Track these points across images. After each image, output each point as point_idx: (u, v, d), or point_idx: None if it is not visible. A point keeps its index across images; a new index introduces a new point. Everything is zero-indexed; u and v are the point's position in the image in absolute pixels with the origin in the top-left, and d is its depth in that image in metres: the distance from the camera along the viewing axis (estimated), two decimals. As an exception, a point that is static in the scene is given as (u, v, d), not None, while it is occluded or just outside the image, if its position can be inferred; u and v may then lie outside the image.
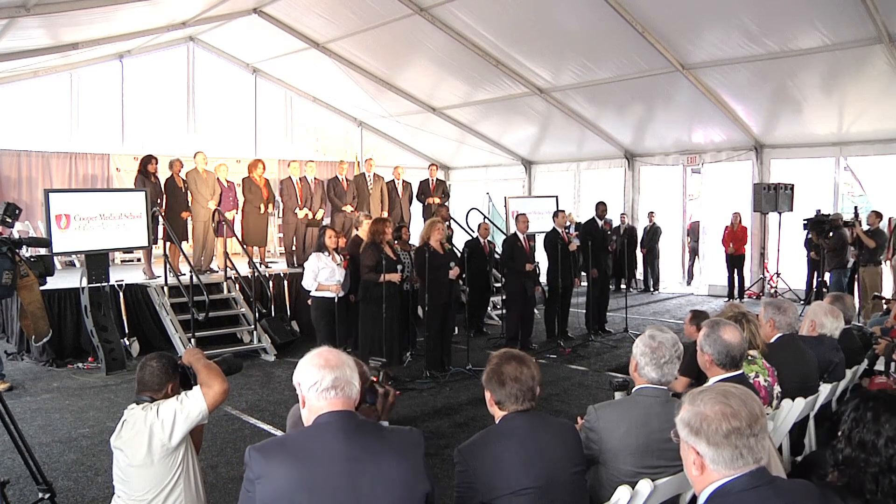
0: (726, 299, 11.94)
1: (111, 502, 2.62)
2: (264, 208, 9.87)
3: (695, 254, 14.15)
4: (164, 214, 8.84)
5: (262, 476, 1.91)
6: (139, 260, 10.27)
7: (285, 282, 9.35)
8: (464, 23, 10.27)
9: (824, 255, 10.18)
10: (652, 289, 13.66)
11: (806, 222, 10.43)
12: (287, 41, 12.14)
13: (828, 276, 10.27)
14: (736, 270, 12.29)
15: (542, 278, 9.20)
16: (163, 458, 2.51)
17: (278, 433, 5.09)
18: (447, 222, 9.72)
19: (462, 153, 16.12)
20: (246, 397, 6.41)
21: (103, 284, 7.53)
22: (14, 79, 11.49)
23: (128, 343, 7.80)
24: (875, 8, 7.61)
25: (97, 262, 7.52)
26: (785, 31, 8.60)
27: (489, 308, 10.21)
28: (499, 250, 9.84)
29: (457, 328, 8.56)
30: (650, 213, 13.60)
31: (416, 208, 11.93)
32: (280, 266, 10.27)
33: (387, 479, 1.96)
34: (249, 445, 1.99)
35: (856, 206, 10.63)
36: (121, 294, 7.93)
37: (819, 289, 10.12)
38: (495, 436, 2.36)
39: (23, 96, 11.83)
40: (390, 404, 2.61)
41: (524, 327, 8.41)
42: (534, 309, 8.80)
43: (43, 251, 5.56)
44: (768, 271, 12.08)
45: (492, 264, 9.62)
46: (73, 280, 7.66)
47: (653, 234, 13.50)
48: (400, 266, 6.90)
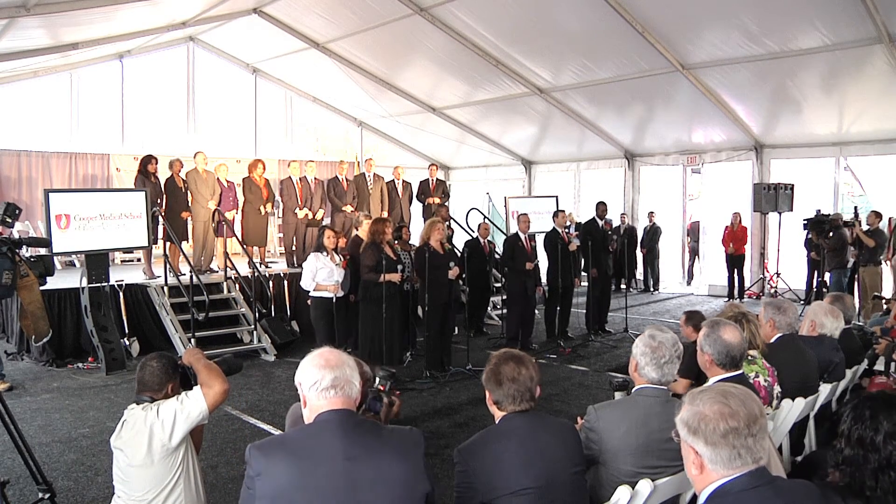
0: (726, 299, 11.94)
1: (111, 502, 2.62)
2: (265, 208, 9.88)
3: (695, 254, 14.15)
4: (164, 214, 8.84)
5: (262, 473, 1.92)
6: (139, 260, 10.27)
7: (285, 282, 9.35)
8: (464, 23, 10.27)
9: (824, 255, 10.18)
10: (652, 289, 13.66)
11: (806, 222, 10.44)
12: (287, 41, 12.14)
13: (828, 276, 10.26)
14: (736, 270, 12.30)
15: (543, 278, 9.20)
16: (163, 458, 2.51)
17: (278, 433, 5.08)
18: (447, 222, 9.72)
19: (462, 153, 16.13)
20: (246, 397, 6.41)
21: (103, 284, 7.53)
22: (14, 79, 11.49)
23: (128, 343, 7.80)
24: (875, 8, 7.61)
25: (97, 262, 7.53)
26: (785, 31, 8.61)
27: (489, 308, 10.21)
28: (499, 250, 9.84)
29: (457, 328, 8.55)
30: (650, 213, 13.60)
31: (416, 208, 11.93)
32: (280, 266, 10.27)
33: (386, 479, 1.96)
34: (250, 444, 2.00)
35: (855, 206, 10.64)
36: (121, 294, 7.94)
37: (819, 289, 10.12)
38: (495, 436, 2.35)
39: (23, 96, 11.83)
40: (394, 414, 2.63)
41: (524, 327, 8.42)
42: (534, 309, 8.80)
43: (43, 251, 5.56)
44: (768, 271, 12.08)
45: (492, 264, 9.61)
46: (73, 280, 7.66)
47: (653, 234, 13.50)
48: (400, 266, 6.90)
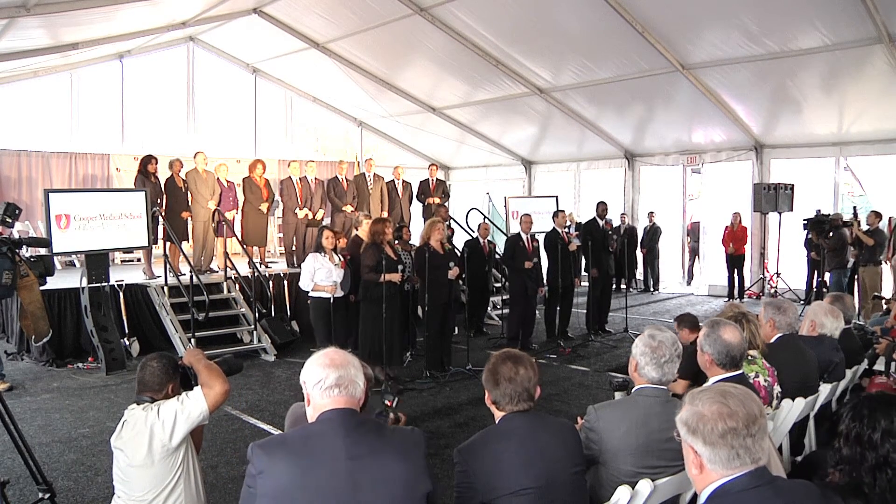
0: (726, 299, 11.94)
1: (111, 502, 2.62)
2: (266, 208, 9.87)
3: (695, 254, 14.16)
4: (164, 214, 8.84)
5: (264, 471, 1.92)
6: (139, 260, 10.27)
7: (285, 282, 9.35)
8: (464, 23, 10.27)
9: (824, 255, 10.18)
10: (652, 289, 13.66)
11: (806, 222, 10.44)
12: (287, 41, 12.14)
13: (828, 276, 10.26)
14: (736, 270, 12.30)
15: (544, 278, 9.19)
16: (163, 458, 2.51)
17: (277, 433, 5.08)
18: (447, 222, 9.73)
19: (462, 153, 16.13)
20: (246, 397, 6.40)
21: (103, 284, 7.53)
22: (14, 79, 11.49)
23: (128, 343, 7.80)
24: (875, 8, 7.61)
25: (97, 262, 7.52)
26: (785, 31, 8.61)
27: (489, 308, 10.21)
28: (499, 250, 9.83)
29: (457, 328, 8.56)
30: (650, 213, 13.59)
31: (416, 208, 11.93)
32: (280, 266, 10.27)
33: (387, 479, 1.96)
34: (252, 442, 2.00)
35: (854, 207, 10.63)
36: (121, 294, 7.94)
37: (819, 289, 10.12)
38: (495, 436, 2.35)
39: (23, 96, 11.83)
40: None
41: (525, 327, 8.42)
42: (535, 309, 8.79)
43: (43, 251, 5.57)
44: (768, 271, 12.08)
45: (491, 264, 9.60)
46: (73, 280, 7.66)
47: (653, 234, 13.50)
48: (401, 266, 6.90)
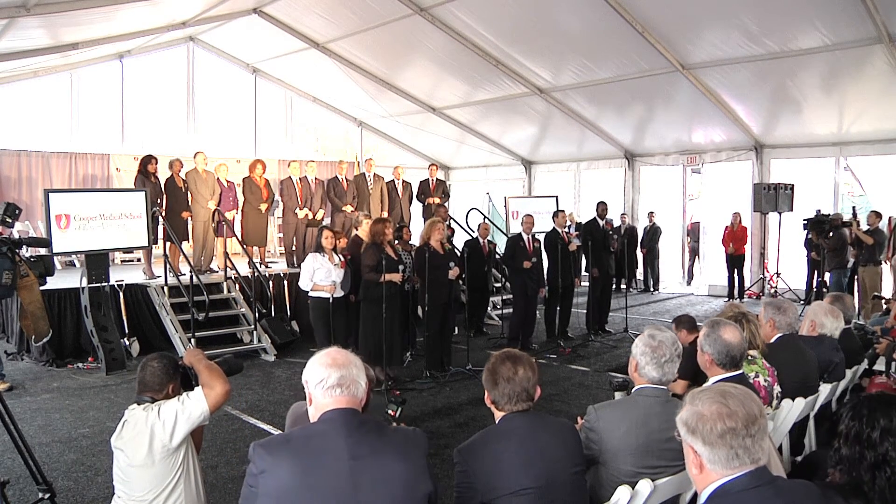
0: (726, 299, 11.94)
1: (111, 502, 2.62)
2: (265, 209, 9.87)
3: (695, 254, 14.16)
4: (164, 214, 8.84)
5: (266, 471, 1.92)
6: (139, 260, 10.27)
7: (285, 282, 9.35)
8: (464, 23, 10.27)
9: (824, 255, 10.18)
10: (652, 289, 13.66)
11: (806, 222, 10.44)
12: (287, 41, 12.14)
13: (828, 276, 10.26)
14: (736, 270, 12.30)
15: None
16: (164, 458, 2.50)
17: (278, 433, 5.08)
18: (446, 222, 9.73)
19: (462, 153, 16.13)
20: (246, 397, 6.40)
21: (103, 284, 7.53)
22: (14, 79, 11.49)
23: (128, 343, 7.80)
24: (875, 8, 7.61)
25: (97, 262, 7.52)
26: (785, 31, 8.61)
27: (489, 308, 10.21)
28: (499, 250, 9.83)
29: (457, 328, 8.56)
30: (650, 213, 13.59)
31: (416, 208, 11.93)
32: (280, 266, 10.27)
33: (388, 479, 1.97)
34: (254, 441, 2.00)
35: (853, 207, 10.63)
36: (121, 294, 7.93)
37: (819, 289, 10.12)
38: (495, 436, 2.35)
39: (23, 96, 11.83)
40: None
41: (525, 327, 8.41)
42: (535, 309, 8.78)
43: (43, 251, 5.56)
44: (768, 271, 12.08)
45: (491, 264, 9.60)
46: (73, 280, 7.66)
47: (653, 234, 13.50)
48: (402, 266, 6.90)
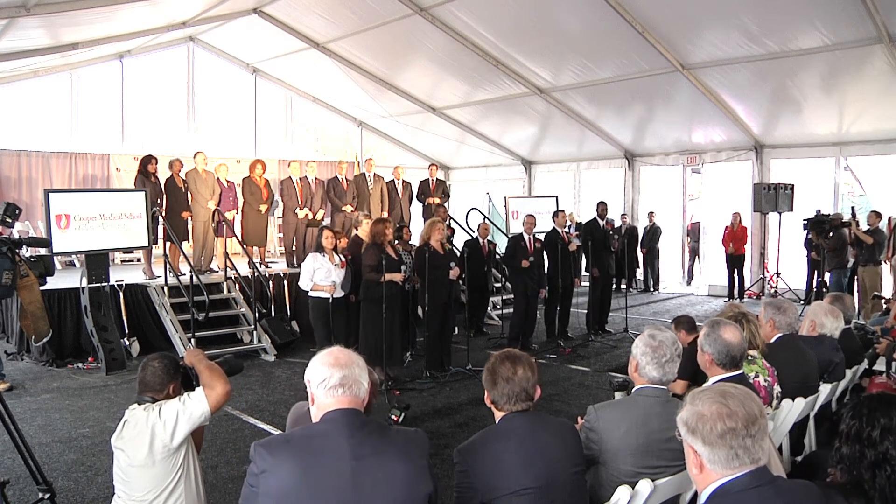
0: (726, 299, 11.94)
1: (111, 502, 2.62)
2: (264, 209, 9.87)
3: (695, 254, 14.16)
4: (164, 214, 8.84)
5: (267, 471, 1.92)
6: (139, 260, 10.26)
7: (285, 282, 9.35)
8: (464, 23, 10.27)
9: (824, 254, 10.18)
10: (652, 289, 13.65)
11: (806, 222, 10.45)
12: (287, 41, 12.14)
13: (828, 276, 10.27)
14: (736, 270, 12.29)
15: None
16: (164, 458, 2.50)
17: (278, 433, 5.08)
18: (446, 222, 9.73)
19: (462, 153, 16.12)
20: (246, 397, 6.40)
21: (103, 284, 7.53)
22: (14, 79, 11.49)
23: (128, 343, 7.80)
24: (875, 8, 7.61)
25: (97, 262, 7.52)
26: (785, 31, 8.61)
27: (489, 308, 10.21)
28: (499, 250, 9.83)
29: (457, 328, 8.56)
30: (650, 213, 13.59)
31: (416, 208, 11.93)
32: (280, 266, 10.27)
33: (389, 479, 1.97)
34: (254, 441, 2.00)
35: (853, 207, 10.63)
36: (121, 294, 7.94)
37: (819, 289, 10.13)
38: (495, 436, 2.35)
39: (23, 96, 11.83)
40: None
41: (526, 328, 8.41)
42: (535, 310, 8.78)
43: (43, 251, 5.57)
44: (768, 271, 12.08)
45: (491, 264, 9.59)
46: (73, 280, 7.66)
47: (653, 234, 13.49)
48: (403, 266, 6.90)
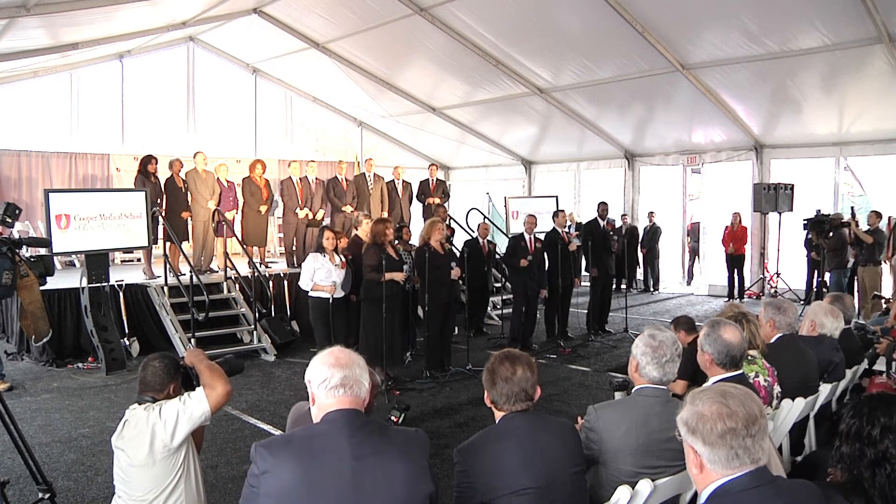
0: (726, 299, 11.94)
1: (111, 502, 2.62)
2: (264, 210, 9.87)
3: (695, 254, 14.15)
4: (164, 214, 8.84)
5: (268, 471, 1.92)
6: (139, 260, 10.26)
7: (285, 282, 9.35)
8: (464, 23, 10.27)
9: (824, 255, 10.18)
10: (652, 289, 13.65)
11: (806, 222, 10.44)
12: (287, 41, 12.14)
13: (828, 276, 10.26)
14: (736, 270, 12.29)
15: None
16: (164, 458, 2.50)
17: (278, 433, 5.08)
18: (446, 222, 9.73)
19: (462, 153, 16.12)
20: (246, 397, 6.40)
21: (103, 284, 7.53)
22: (14, 79, 11.49)
23: (128, 343, 7.80)
24: (875, 8, 7.61)
25: (97, 262, 7.52)
26: (785, 31, 8.61)
27: (489, 308, 10.20)
28: (499, 250, 9.82)
29: (457, 328, 8.56)
30: (650, 213, 13.59)
31: (416, 208, 11.93)
32: (280, 266, 10.27)
33: (390, 479, 1.97)
34: (255, 442, 2.00)
35: (852, 207, 10.63)
36: (121, 294, 7.94)
37: (819, 289, 10.12)
38: (495, 436, 2.35)
39: (23, 96, 11.83)
40: None
41: (525, 327, 8.41)
42: (535, 310, 8.78)
43: (43, 251, 5.56)
44: (768, 271, 12.08)
45: (491, 264, 9.59)
46: (73, 280, 7.66)
47: (653, 234, 13.49)
48: (405, 265, 6.90)
